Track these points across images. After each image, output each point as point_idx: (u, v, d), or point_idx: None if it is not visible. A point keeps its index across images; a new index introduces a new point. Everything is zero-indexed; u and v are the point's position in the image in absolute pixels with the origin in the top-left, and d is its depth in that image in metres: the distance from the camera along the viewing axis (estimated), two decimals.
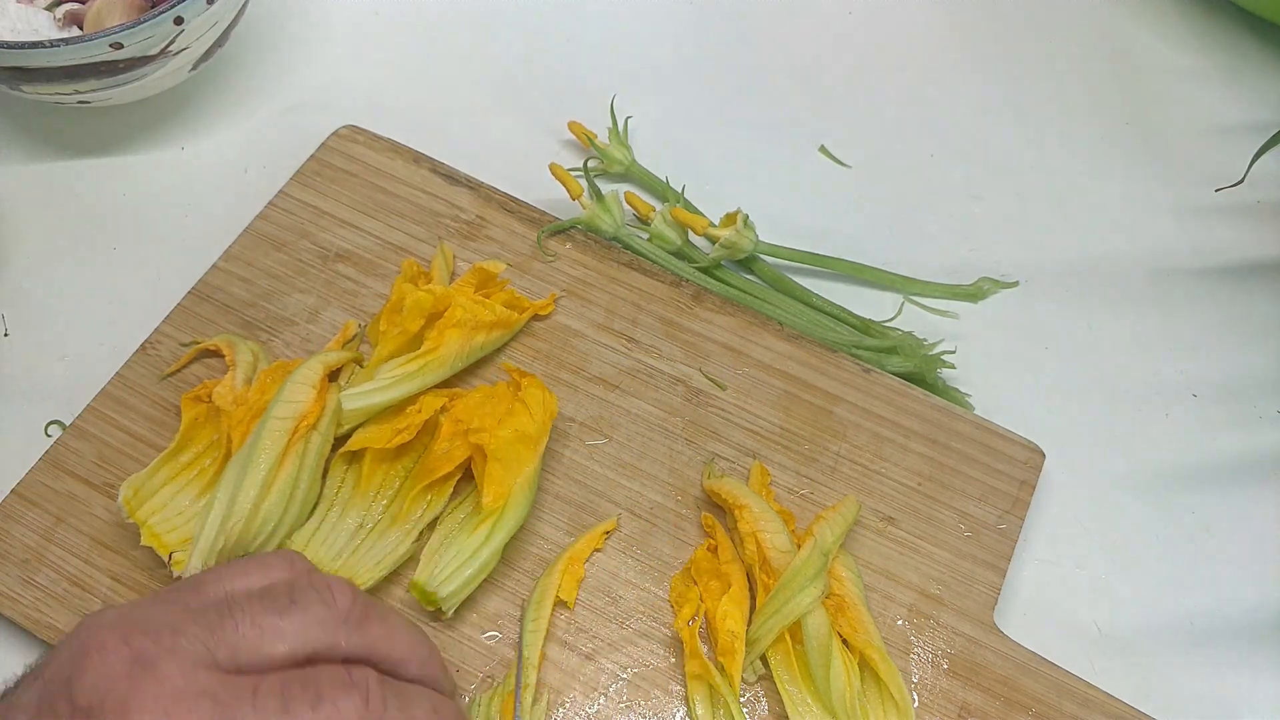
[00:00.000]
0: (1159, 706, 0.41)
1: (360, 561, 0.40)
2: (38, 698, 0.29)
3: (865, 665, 0.40)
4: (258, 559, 0.34)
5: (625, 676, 0.40)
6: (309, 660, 0.31)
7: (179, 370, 0.46)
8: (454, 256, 0.50)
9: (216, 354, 0.46)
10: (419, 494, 0.42)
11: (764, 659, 0.40)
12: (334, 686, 0.30)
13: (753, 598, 0.41)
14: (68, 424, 0.45)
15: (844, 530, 0.42)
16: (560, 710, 0.39)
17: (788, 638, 0.39)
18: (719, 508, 0.44)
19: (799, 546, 0.40)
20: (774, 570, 0.40)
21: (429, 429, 0.43)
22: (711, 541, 0.43)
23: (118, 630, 0.29)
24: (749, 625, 0.40)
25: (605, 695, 0.40)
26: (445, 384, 0.45)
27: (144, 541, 0.40)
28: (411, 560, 0.41)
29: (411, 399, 0.43)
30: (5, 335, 0.49)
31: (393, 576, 0.41)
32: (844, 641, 0.40)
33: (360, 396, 0.42)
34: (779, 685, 0.39)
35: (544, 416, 0.42)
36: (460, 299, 0.46)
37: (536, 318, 0.48)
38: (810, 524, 0.42)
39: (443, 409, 0.43)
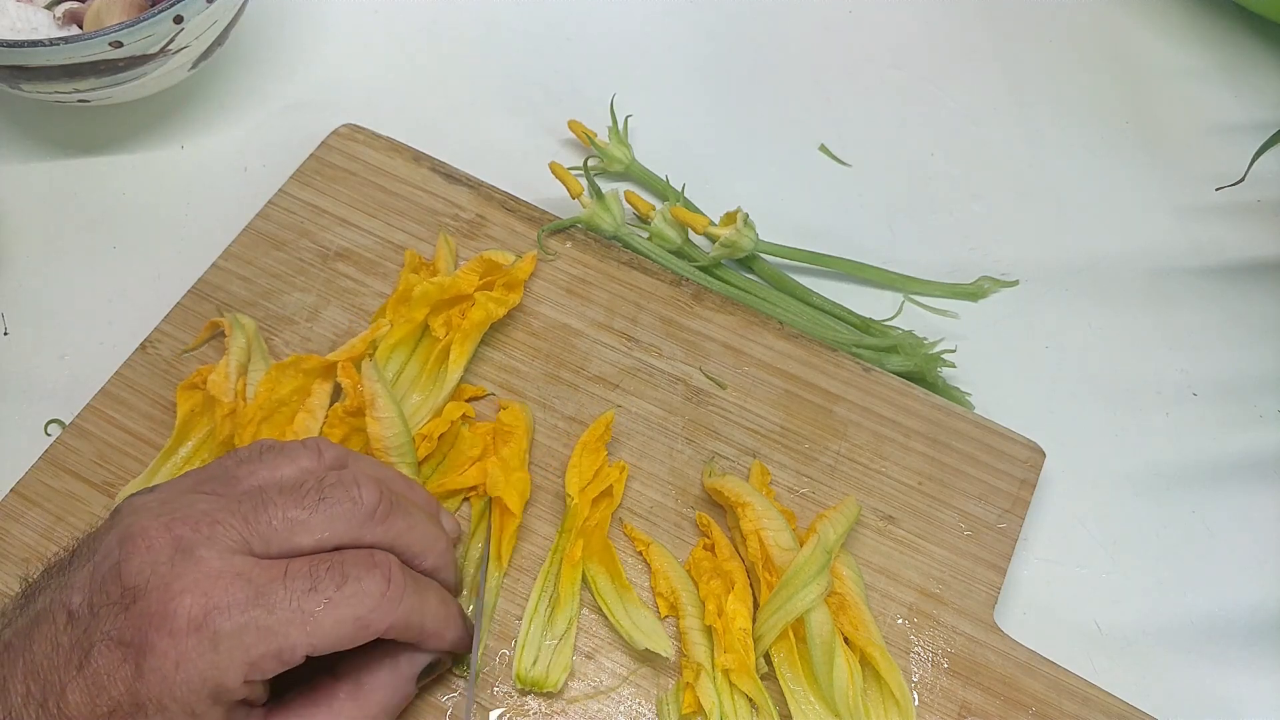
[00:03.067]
0: (1159, 705, 0.41)
1: None
2: (89, 577, 0.32)
3: (866, 664, 0.40)
4: (288, 449, 0.36)
5: (626, 675, 0.40)
6: (335, 550, 0.33)
7: (198, 347, 0.47)
8: (455, 247, 0.50)
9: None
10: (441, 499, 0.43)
11: (766, 657, 0.40)
12: (358, 566, 0.33)
13: (753, 596, 0.41)
14: (67, 423, 0.45)
15: (846, 529, 0.42)
16: (560, 710, 0.39)
17: (791, 635, 0.39)
18: (718, 507, 0.44)
19: (801, 545, 0.40)
20: (777, 568, 0.40)
21: (449, 437, 0.44)
22: (707, 540, 0.43)
23: (161, 518, 0.32)
24: (753, 623, 0.40)
25: (605, 695, 0.40)
26: None
27: None
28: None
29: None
30: (5, 334, 0.49)
31: None
32: (845, 640, 0.40)
33: (409, 413, 0.44)
34: (782, 682, 0.39)
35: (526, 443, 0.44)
36: (480, 298, 0.46)
37: (536, 317, 0.48)
38: (812, 522, 0.42)
39: (462, 417, 0.45)
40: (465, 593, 0.41)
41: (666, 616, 0.41)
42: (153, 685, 0.30)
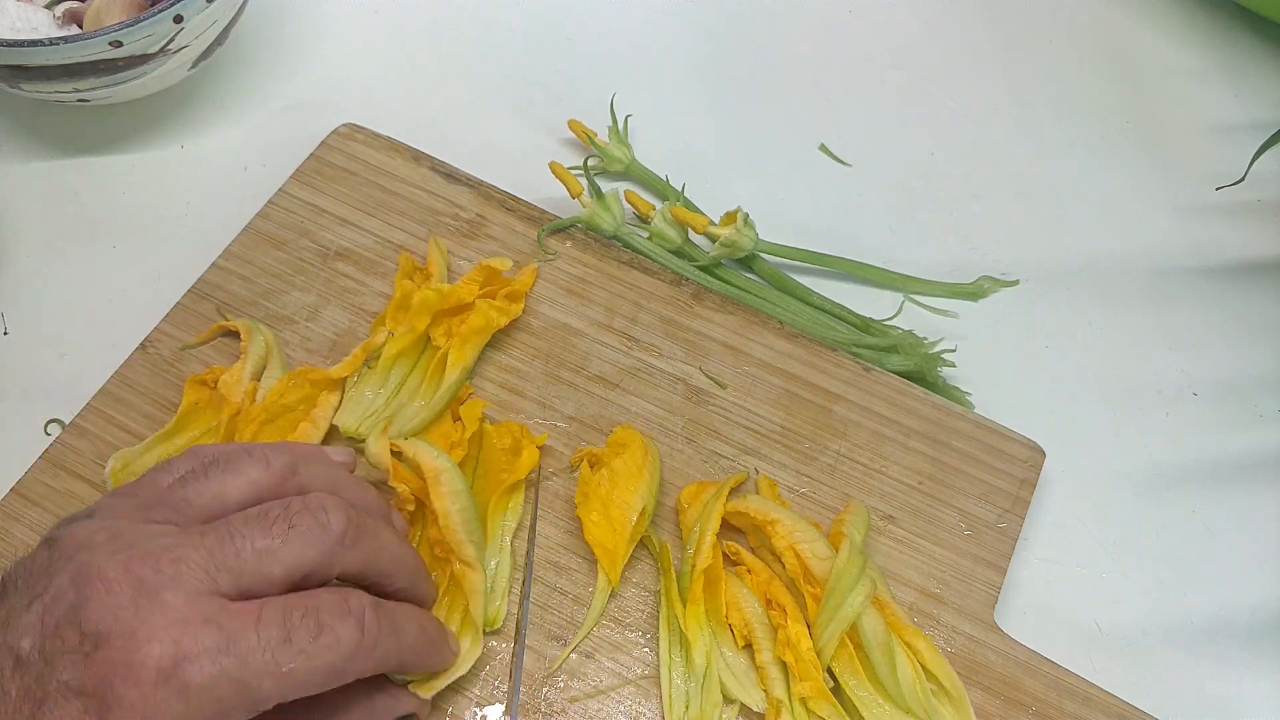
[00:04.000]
0: (1159, 705, 0.41)
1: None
2: (39, 619, 0.29)
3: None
4: (232, 460, 0.34)
5: (626, 675, 0.40)
6: (305, 578, 0.32)
7: (198, 345, 0.47)
8: (447, 249, 0.50)
9: (236, 335, 0.47)
10: (498, 504, 0.42)
11: (829, 671, 0.39)
12: (333, 615, 0.31)
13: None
14: (67, 422, 0.45)
15: (866, 530, 0.42)
16: (560, 710, 0.39)
17: (848, 642, 0.39)
18: (734, 529, 0.43)
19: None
20: (817, 579, 0.40)
21: (475, 437, 0.44)
22: (741, 568, 0.42)
23: (117, 556, 0.30)
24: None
25: (606, 695, 0.40)
26: None
27: None
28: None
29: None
30: (5, 333, 0.49)
31: None
32: None
33: (410, 418, 0.44)
34: (848, 692, 0.39)
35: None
36: (481, 305, 0.46)
37: (536, 317, 0.48)
38: (832, 528, 0.42)
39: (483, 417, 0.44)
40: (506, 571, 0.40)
41: (743, 648, 0.41)
42: None
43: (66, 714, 0.28)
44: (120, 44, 0.47)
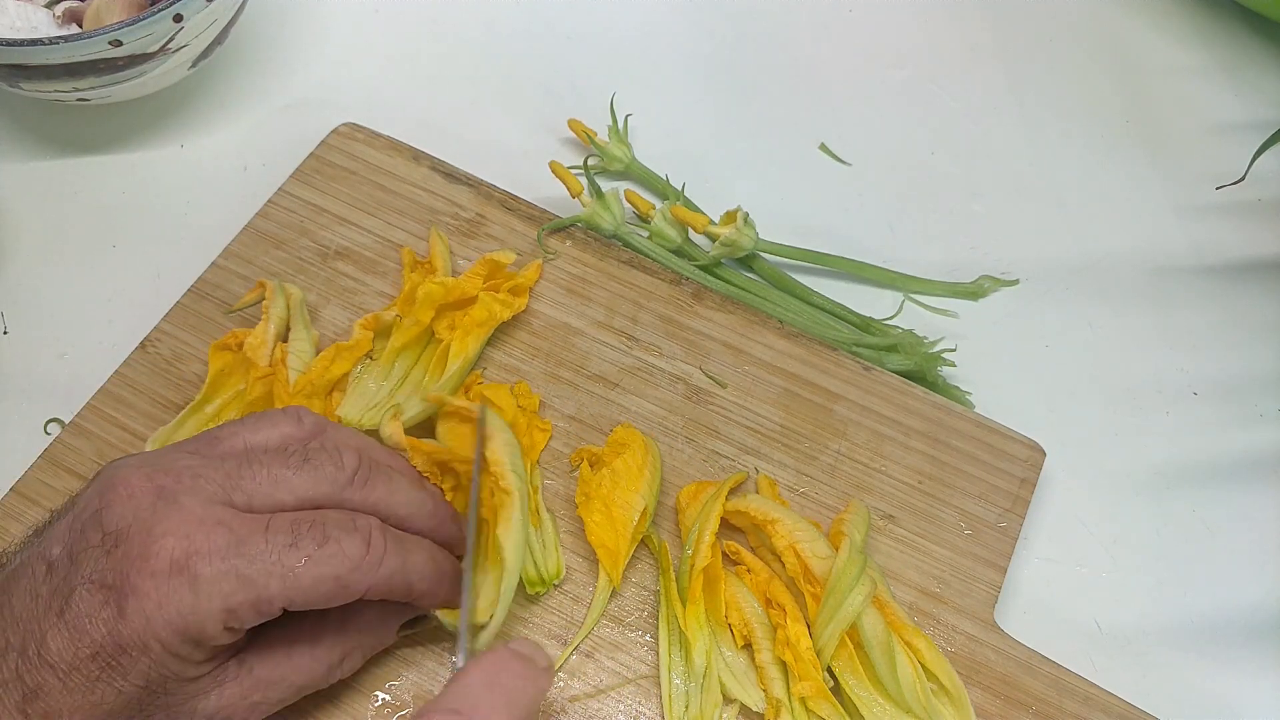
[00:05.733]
0: (1159, 705, 0.41)
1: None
2: (68, 528, 0.32)
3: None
4: (268, 415, 0.37)
5: (626, 675, 0.40)
6: (316, 507, 0.34)
7: (244, 308, 0.48)
8: (448, 241, 0.50)
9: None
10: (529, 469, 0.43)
11: (829, 670, 0.39)
12: (339, 528, 0.33)
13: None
14: (67, 421, 0.45)
15: (866, 530, 0.42)
16: (560, 710, 0.39)
17: (848, 642, 0.39)
18: (733, 529, 0.43)
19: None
20: (817, 579, 0.40)
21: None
22: (741, 568, 0.42)
23: (142, 470, 0.33)
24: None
25: (606, 694, 0.40)
26: None
27: None
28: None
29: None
30: (4, 333, 0.49)
31: None
32: None
33: (412, 410, 0.43)
34: (848, 692, 0.39)
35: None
36: (484, 298, 0.46)
37: (536, 316, 0.48)
38: (832, 528, 0.42)
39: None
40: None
41: (743, 647, 0.41)
42: (135, 626, 0.30)
43: (90, 605, 0.30)
44: (120, 43, 0.47)
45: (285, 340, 0.46)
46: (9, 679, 0.30)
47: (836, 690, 0.39)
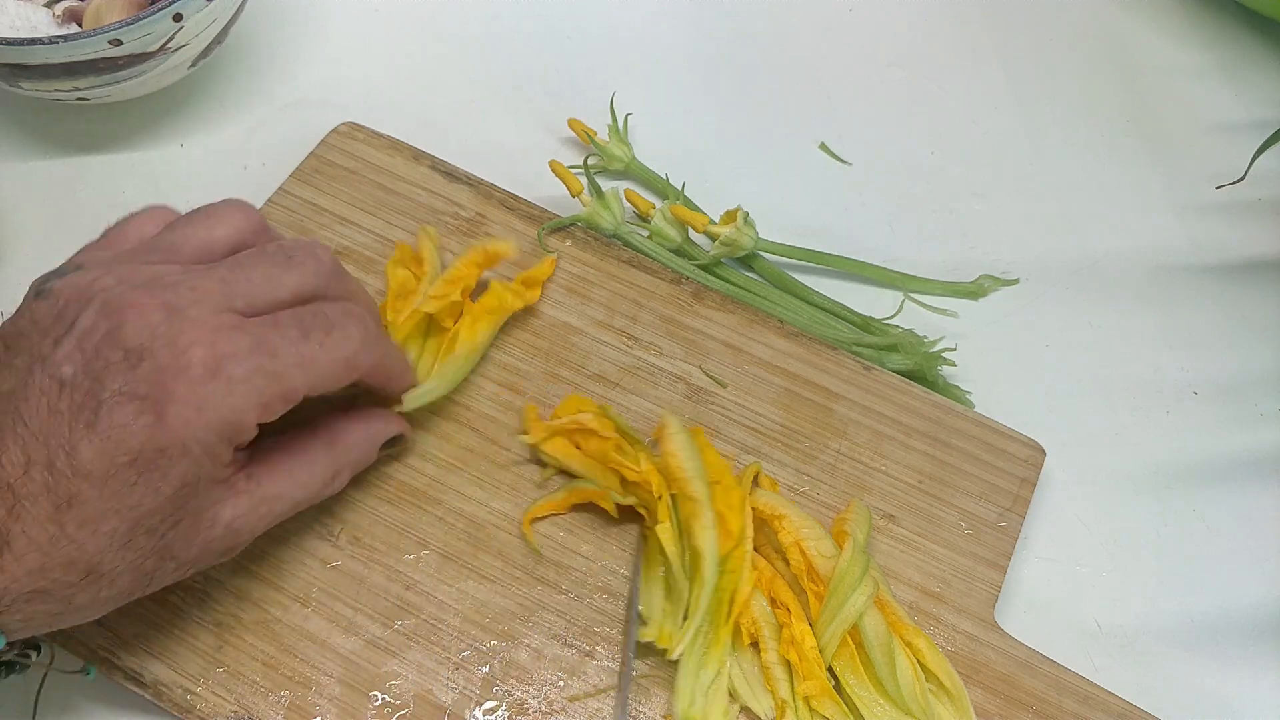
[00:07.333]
0: (1159, 704, 0.41)
1: None
2: (79, 349, 0.32)
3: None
4: (211, 210, 0.39)
5: (628, 674, 0.40)
6: (306, 301, 0.36)
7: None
8: (439, 241, 0.50)
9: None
10: None
11: (830, 669, 0.39)
12: (339, 315, 0.37)
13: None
14: None
15: (868, 530, 0.42)
16: (560, 709, 0.39)
17: (849, 641, 0.39)
18: None
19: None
20: (821, 577, 0.40)
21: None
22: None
23: (139, 290, 0.33)
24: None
25: (606, 694, 0.40)
26: None
27: None
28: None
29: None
30: None
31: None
32: None
33: (422, 396, 0.43)
34: (848, 691, 0.39)
35: None
36: (496, 286, 0.46)
37: (536, 315, 0.48)
38: (834, 527, 0.42)
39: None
40: None
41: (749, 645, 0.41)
42: (176, 429, 0.32)
43: (125, 415, 0.31)
44: (120, 42, 0.47)
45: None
46: (37, 492, 0.31)
47: (837, 689, 0.39)
